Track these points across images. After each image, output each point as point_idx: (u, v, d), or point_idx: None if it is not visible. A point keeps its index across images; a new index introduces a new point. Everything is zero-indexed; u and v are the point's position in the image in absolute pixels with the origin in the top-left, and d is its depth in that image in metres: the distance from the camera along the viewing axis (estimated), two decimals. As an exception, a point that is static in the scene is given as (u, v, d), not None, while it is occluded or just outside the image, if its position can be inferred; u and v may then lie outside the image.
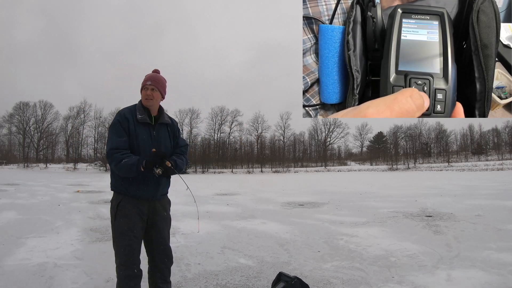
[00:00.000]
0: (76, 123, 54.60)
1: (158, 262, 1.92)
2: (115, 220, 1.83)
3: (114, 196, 1.90)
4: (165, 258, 1.94)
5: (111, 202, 1.90)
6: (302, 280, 2.21)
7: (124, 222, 1.80)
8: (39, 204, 7.96)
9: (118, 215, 1.82)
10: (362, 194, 11.15)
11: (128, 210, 1.82)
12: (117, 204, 1.84)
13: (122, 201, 1.83)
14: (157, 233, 1.91)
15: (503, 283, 2.49)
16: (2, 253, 3.38)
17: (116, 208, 1.83)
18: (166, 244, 1.96)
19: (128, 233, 1.79)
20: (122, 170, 1.76)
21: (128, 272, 1.76)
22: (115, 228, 1.83)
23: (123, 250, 1.78)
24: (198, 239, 4.13)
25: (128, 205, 1.83)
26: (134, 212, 1.82)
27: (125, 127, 1.83)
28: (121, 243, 1.79)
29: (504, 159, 48.63)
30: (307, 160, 60.98)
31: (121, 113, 1.88)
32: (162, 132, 1.95)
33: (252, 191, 13.51)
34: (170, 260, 1.97)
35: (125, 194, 1.84)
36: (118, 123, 1.84)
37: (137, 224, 1.83)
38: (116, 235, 1.82)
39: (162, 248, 1.93)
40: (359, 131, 62.40)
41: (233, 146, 58.55)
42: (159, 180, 1.87)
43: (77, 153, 53.46)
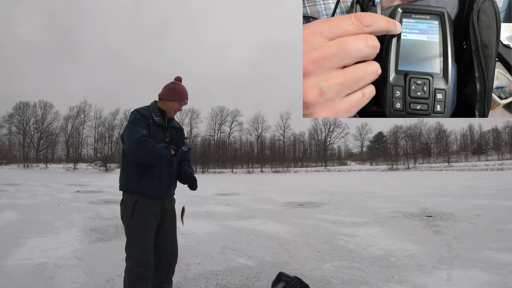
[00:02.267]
0: (76, 123, 54.63)
1: (164, 261, 1.94)
2: (132, 219, 1.83)
3: (127, 196, 1.89)
4: (171, 256, 1.97)
5: (125, 202, 1.89)
6: (302, 280, 2.21)
7: (142, 221, 1.82)
8: (39, 204, 7.96)
9: (135, 214, 1.83)
10: (362, 194, 11.14)
11: (145, 210, 1.84)
12: (134, 203, 1.84)
13: (139, 200, 1.84)
14: (166, 231, 1.95)
15: (503, 283, 2.48)
16: (2, 253, 3.38)
17: (132, 208, 1.83)
18: (174, 242, 2.00)
19: (145, 233, 1.81)
20: (156, 154, 1.77)
21: (143, 273, 1.77)
22: (132, 227, 1.83)
23: (139, 249, 1.79)
24: (198, 239, 4.13)
25: (144, 205, 1.85)
26: (150, 212, 1.86)
27: (146, 123, 1.87)
28: (138, 243, 1.80)
29: (504, 159, 48.60)
30: (307, 160, 60.96)
31: (140, 112, 1.90)
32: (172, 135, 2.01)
33: (252, 191, 13.51)
34: (175, 259, 2.00)
35: (140, 194, 1.85)
36: (139, 118, 1.86)
37: (152, 224, 1.86)
38: (133, 235, 1.82)
39: (170, 247, 1.96)
40: (359, 131, 62.48)
41: (233, 146, 58.54)
42: (171, 181, 1.96)
43: (77, 153, 53.42)
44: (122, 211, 1.89)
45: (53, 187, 15.19)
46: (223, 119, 58.63)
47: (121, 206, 1.92)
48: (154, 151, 1.76)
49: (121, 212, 1.90)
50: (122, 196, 1.92)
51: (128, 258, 1.81)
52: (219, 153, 57.17)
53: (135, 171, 1.86)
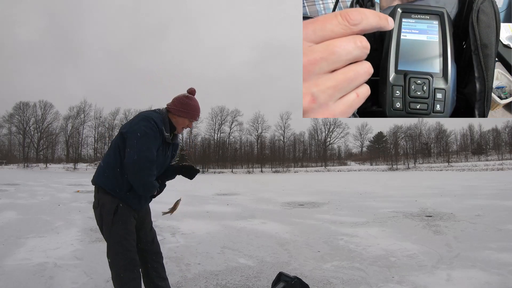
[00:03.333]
0: (76, 123, 54.69)
1: (151, 261, 1.91)
2: (113, 225, 1.72)
3: (107, 198, 1.74)
4: (156, 255, 1.94)
5: (104, 205, 1.75)
6: (302, 280, 2.21)
7: (123, 227, 1.74)
8: (39, 204, 7.96)
9: (116, 220, 1.73)
10: (362, 194, 11.14)
11: (126, 216, 1.76)
12: (115, 209, 1.73)
13: (120, 206, 1.74)
14: (146, 235, 1.92)
15: (503, 283, 2.48)
16: (2, 253, 3.37)
17: (113, 214, 1.73)
18: (155, 241, 1.97)
19: (128, 238, 1.75)
20: (146, 187, 1.70)
21: (133, 275, 1.73)
22: (112, 234, 1.73)
23: (125, 256, 1.72)
24: (198, 239, 4.13)
25: (125, 211, 1.76)
26: (130, 216, 1.79)
27: (159, 142, 1.73)
28: (122, 248, 1.72)
29: (504, 159, 48.63)
30: (307, 160, 60.98)
31: (159, 126, 1.72)
32: (172, 151, 1.92)
33: (252, 191, 13.50)
34: (161, 256, 1.98)
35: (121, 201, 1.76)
36: (158, 136, 1.71)
37: (133, 228, 1.81)
38: (115, 241, 1.73)
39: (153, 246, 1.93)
40: (359, 131, 62.50)
41: (233, 146, 58.56)
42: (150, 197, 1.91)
43: (77, 153, 53.47)
44: (100, 214, 1.76)
45: (53, 187, 15.19)
46: (223, 119, 58.75)
47: (97, 208, 1.78)
48: (147, 184, 1.68)
49: (98, 215, 1.77)
50: (98, 196, 1.77)
51: (112, 265, 1.73)
52: (219, 153, 57.22)
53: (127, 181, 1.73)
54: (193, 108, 1.82)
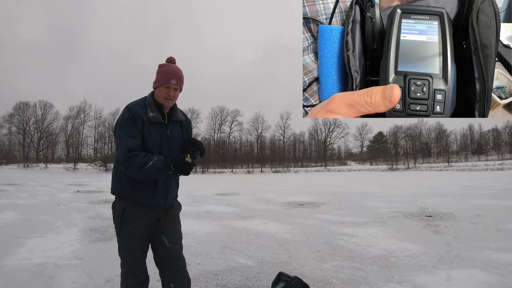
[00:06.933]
0: (76, 123, 54.68)
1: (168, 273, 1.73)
2: (120, 228, 1.68)
3: (117, 201, 1.73)
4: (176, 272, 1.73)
5: (114, 207, 1.74)
6: (302, 280, 2.21)
7: (130, 231, 1.66)
8: (39, 204, 7.96)
9: (123, 223, 1.67)
10: (362, 194, 11.14)
11: (134, 219, 1.67)
12: (122, 212, 1.68)
13: (128, 208, 1.67)
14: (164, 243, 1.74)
15: (503, 283, 2.49)
16: (2, 253, 3.38)
17: (121, 216, 1.67)
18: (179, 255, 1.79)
19: (133, 244, 1.67)
20: (147, 175, 1.57)
21: (135, 279, 1.68)
22: (120, 237, 1.70)
23: (129, 259, 1.68)
24: (198, 239, 4.13)
25: (134, 213, 1.67)
26: (141, 219, 1.68)
27: (139, 127, 1.60)
28: (127, 253, 1.68)
29: (504, 159, 48.62)
30: (307, 160, 60.98)
31: (133, 110, 1.62)
32: (176, 131, 1.74)
33: (252, 191, 13.50)
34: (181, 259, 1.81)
35: (130, 202, 1.68)
36: (130, 121, 1.59)
37: (144, 232, 1.69)
38: (121, 245, 1.69)
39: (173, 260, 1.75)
40: (359, 131, 62.50)
41: (233, 146, 58.56)
42: (170, 187, 1.75)
43: (77, 153, 53.47)
44: (113, 217, 1.76)
45: (53, 187, 15.19)
46: (223, 119, 58.70)
47: (112, 209, 1.78)
48: (143, 173, 1.54)
49: (112, 216, 1.77)
50: (114, 200, 1.78)
51: (121, 266, 1.72)
52: (219, 153, 57.19)
53: (127, 178, 1.66)
54: (163, 72, 1.67)
